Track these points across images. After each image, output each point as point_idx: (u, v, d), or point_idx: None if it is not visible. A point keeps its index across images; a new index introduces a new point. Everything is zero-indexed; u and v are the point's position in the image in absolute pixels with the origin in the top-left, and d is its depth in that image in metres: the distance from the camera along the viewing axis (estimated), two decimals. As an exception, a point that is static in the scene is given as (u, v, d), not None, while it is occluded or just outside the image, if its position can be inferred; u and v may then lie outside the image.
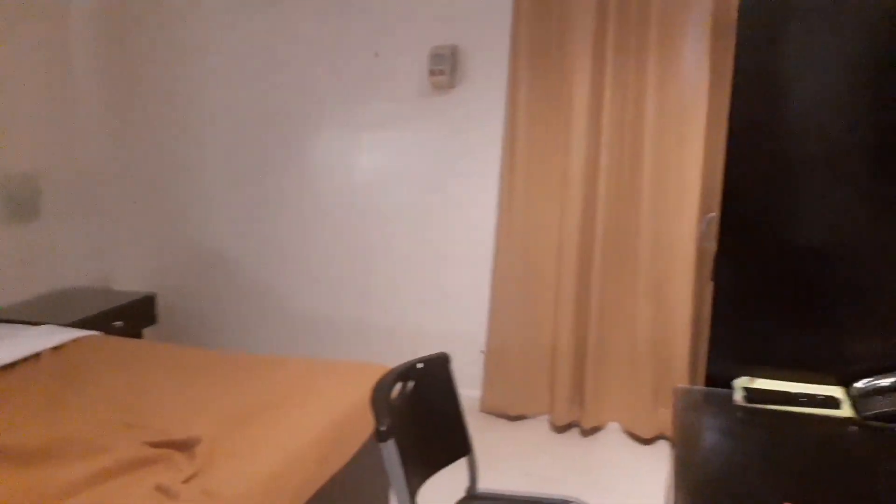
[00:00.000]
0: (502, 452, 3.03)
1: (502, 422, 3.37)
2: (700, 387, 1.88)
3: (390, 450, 1.47)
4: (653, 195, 3.05)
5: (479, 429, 1.97)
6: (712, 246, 3.02)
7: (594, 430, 3.28)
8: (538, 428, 3.32)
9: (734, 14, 1.78)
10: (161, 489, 1.56)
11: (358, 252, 3.70)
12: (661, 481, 2.82)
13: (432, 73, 3.36)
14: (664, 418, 3.14)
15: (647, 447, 3.13)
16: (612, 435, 3.25)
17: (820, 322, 1.80)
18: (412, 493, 1.54)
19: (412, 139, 3.53)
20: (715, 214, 2.98)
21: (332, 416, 2.03)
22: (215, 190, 3.91)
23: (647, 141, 3.01)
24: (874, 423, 1.59)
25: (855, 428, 1.59)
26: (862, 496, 1.31)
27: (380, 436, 1.46)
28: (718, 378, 1.87)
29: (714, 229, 2.42)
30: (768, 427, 1.60)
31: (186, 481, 1.58)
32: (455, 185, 3.48)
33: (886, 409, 1.59)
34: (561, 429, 3.29)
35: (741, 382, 1.81)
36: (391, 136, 3.56)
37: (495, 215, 3.41)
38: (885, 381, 1.67)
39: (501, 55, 3.29)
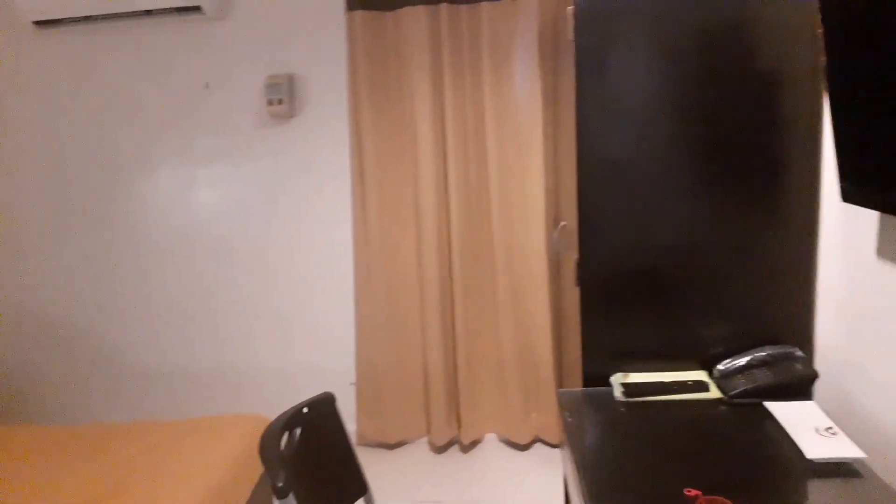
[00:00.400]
0: (386, 483, 2.96)
1: (382, 452, 3.29)
2: (580, 389, 1.94)
3: (291, 505, 1.36)
4: (502, 209, 3.14)
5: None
6: (566, 252, 3.18)
7: (473, 444, 3.30)
8: (418, 451, 3.28)
9: (559, 36, 1.90)
10: None
11: (206, 296, 3.47)
12: (545, 483, 2.89)
13: (270, 102, 3.26)
14: (537, 423, 3.23)
15: (525, 453, 3.20)
16: (491, 446, 3.29)
17: (677, 313, 1.93)
18: (318, 547, 1.44)
19: (255, 172, 3.38)
20: (566, 223, 3.14)
21: (210, 478, 1.86)
22: (33, 248, 3.50)
23: (491, 159, 3.10)
24: (740, 401, 1.73)
25: (724, 408, 1.72)
26: (742, 470, 1.41)
27: (278, 493, 1.35)
28: (595, 377, 1.95)
29: (566, 236, 2.54)
30: (650, 418, 1.68)
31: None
32: (306, 217, 3.38)
33: (748, 387, 1.73)
34: (441, 448, 3.28)
35: (617, 378, 1.89)
36: (231, 170, 3.39)
37: (351, 244, 3.35)
38: (742, 361, 1.82)
39: (340, 82, 3.25)
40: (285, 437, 1.59)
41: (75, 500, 1.70)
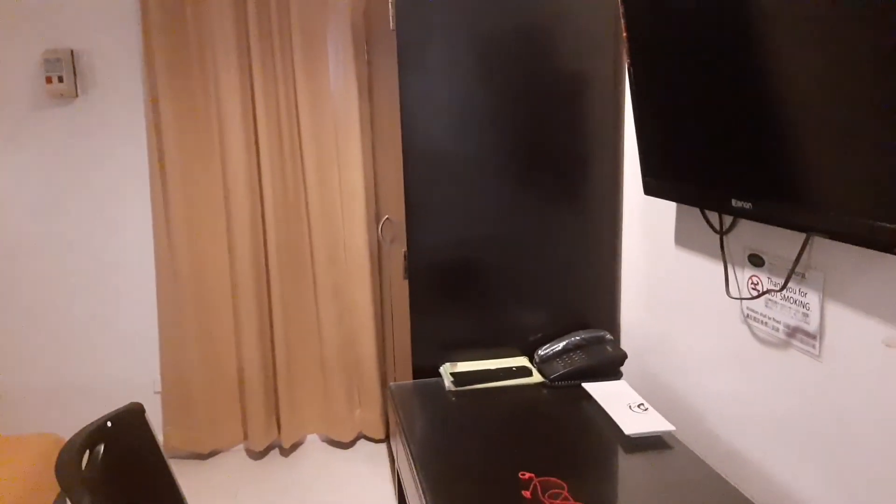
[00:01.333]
0: (203, 495, 2.76)
1: (194, 462, 3.05)
2: (410, 381, 1.93)
3: (97, 534, 1.20)
4: (321, 205, 3.04)
5: None
6: (392, 245, 3.17)
7: (294, 446, 3.18)
8: (235, 459, 3.09)
9: (372, 27, 1.83)
10: None
11: (-24, 301, 2.99)
12: (370, 478, 2.86)
13: (48, 80, 2.88)
14: (360, 419, 3.19)
15: (348, 451, 3.14)
16: (313, 447, 3.18)
17: (498, 303, 1.99)
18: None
19: (30, 158, 2.95)
20: (388, 216, 3.13)
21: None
22: None
23: (307, 152, 2.98)
24: (560, 384, 1.82)
25: (546, 391, 1.80)
26: (569, 449, 1.48)
27: (81, 520, 1.18)
28: (424, 368, 1.96)
29: (390, 230, 2.52)
30: (481, 405, 1.72)
31: None
32: (96, 210, 3.02)
33: (565, 370, 1.83)
34: (259, 454, 3.12)
35: (446, 369, 1.91)
36: (6, 156, 2.95)
37: (151, 242, 3.06)
38: (559, 346, 1.92)
39: (132, 58, 2.94)
40: (86, 455, 1.40)
41: None
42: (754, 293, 1.40)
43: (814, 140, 1.06)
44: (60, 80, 2.89)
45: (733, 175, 1.28)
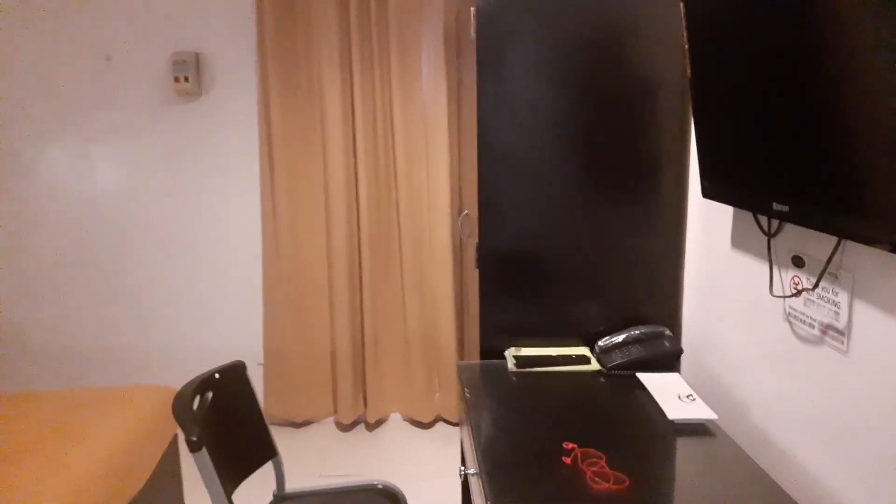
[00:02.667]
0: (293, 459, 3.05)
1: (289, 430, 3.38)
2: (477, 361, 2.11)
3: (204, 459, 1.46)
4: (408, 198, 3.28)
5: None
6: (469, 239, 3.35)
7: (378, 423, 3.44)
8: (325, 430, 3.38)
9: (462, 36, 2.02)
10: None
11: (109, 275, 3.43)
12: (444, 458, 3.06)
13: (176, 80, 3.27)
14: (439, 402, 3.40)
15: (427, 431, 3.36)
16: (396, 425, 3.43)
17: (563, 296, 2.13)
18: (228, 498, 1.54)
19: (159, 149, 3.36)
20: (468, 212, 3.32)
21: (118, 442, 1.91)
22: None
23: (399, 149, 3.24)
24: (615, 373, 1.95)
25: (602, 379, 1.93)
26: (614, 428, 1.61)
27: (191, 446, 1.44)
28: (491, 351, 2.13)
29: (468, 225, 2.71)
30: (538, 386, 1.87)
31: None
32: (212, 196, 3.40)
33: (622, 360, 1.96)
34: (347, 427, 3.39)
35: (511, 352, 2.08)
36: (134, 145, 3.36)
37: (259, 224, 3.40)
38: (619, 338, 2.04)
39: (248, 62, 3.29)
40: (197, 399, 1.68)
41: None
42: (793, 292, 1.48)
43: (844, 150, 1.15)
44: (186, 79, 3.27)
45: (774, 179, 1.38)
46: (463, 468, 1.76)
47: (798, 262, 1.48)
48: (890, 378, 1.20)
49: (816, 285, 1.37)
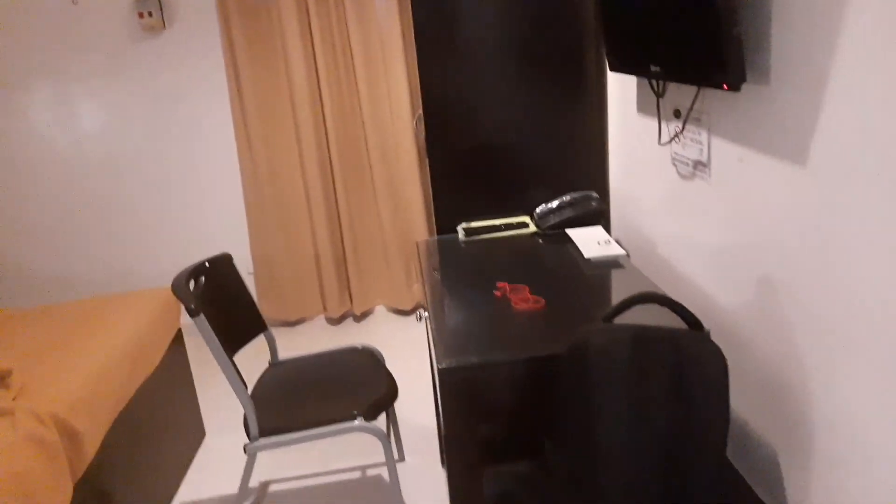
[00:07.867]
0: (291, 351, 3.41)
1: (283, 329, 3.74)
2: (434, 237, 2.42)
3: (203, 322, 1.78)
4: (372, 111, 3.52)
5: (262, 338, 2.29)
6: (423, 136, 3.60)
7: (364, 314, 3.80)
8: (317, 325, 3.75)
9: None
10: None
11: (100, 207, 3.70)
12: (424, 337, 3.43)
13: (140, 15, 3.43)
14: (417, 291, 3.75)
15: (409, 317, 3.73)
16: (381, 314, 3.79)
17: (506, 176, 2.43)
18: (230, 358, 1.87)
19: (133, 84, 3.57)
20: (421, 113, 3.56)
21: (132, 334, 2.24)
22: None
23: (359, 64, 3.45)
24: (550, 232, 2.26)
25: (540, 240, 2.24)
26: (543, 271, 1.94)
27: (191, 312, 1.76)
28: (445, 229, 2.44)
29: (423, 127, 2.96)
30: (484, 250, 2.19)
31: (15, 399, 1.73)
32: (188, 123, 3.62)
33: (556, 221, 2.27)
34: (336, 321, 3.76)
35: (462, 226, 2.39)
36: (107, 84, 3.56)
37: (235, 147, 3.64)
38: (553, 204, 2.34)
39: (208, -4, 3.46)
40: (192, 284, 1.99)
41: (20, 353, 2.04)
42: (672, 137, 1.78)
43: (692, 17, 1.42)
44: (150, 14, 3.44)
45: (651, 46, 1.65)
46: (419, 311, 2.11)
47: (677, 114, 1.76)
48: (738, 195, 1.51)
49: (683, 128, 1.66)
